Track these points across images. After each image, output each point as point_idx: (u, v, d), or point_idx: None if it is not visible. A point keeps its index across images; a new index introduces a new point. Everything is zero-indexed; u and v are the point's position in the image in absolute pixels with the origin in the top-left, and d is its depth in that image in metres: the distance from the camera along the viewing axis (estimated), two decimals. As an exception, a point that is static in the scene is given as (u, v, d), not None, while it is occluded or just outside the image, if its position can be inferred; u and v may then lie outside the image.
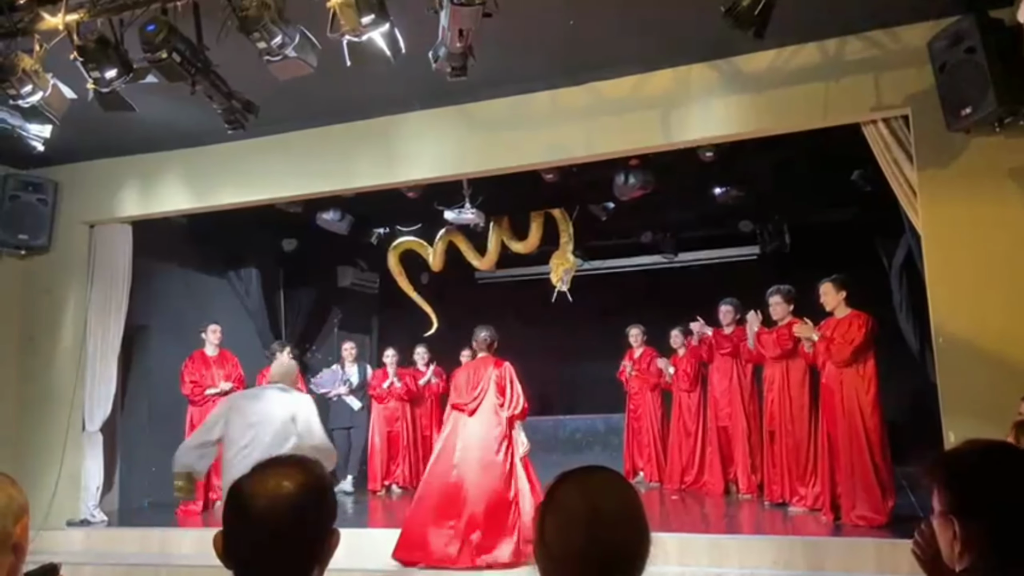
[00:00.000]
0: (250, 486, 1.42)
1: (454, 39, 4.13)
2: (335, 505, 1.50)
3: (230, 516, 1.43)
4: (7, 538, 1.44)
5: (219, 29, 4.26)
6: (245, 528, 1.40)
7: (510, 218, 8.98)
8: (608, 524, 1.31)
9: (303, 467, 1.47)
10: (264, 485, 1.40)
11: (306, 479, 1.43)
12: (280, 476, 1.42)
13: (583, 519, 1.31)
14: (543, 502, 1.38)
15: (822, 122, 5.60)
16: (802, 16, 4.77)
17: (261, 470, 1.45)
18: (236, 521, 1.41)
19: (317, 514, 1.44)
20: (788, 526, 6.08)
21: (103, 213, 7.48)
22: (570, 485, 1.38)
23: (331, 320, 10.76)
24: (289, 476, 1.42)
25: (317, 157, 6.79)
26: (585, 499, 1.34)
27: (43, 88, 4.67)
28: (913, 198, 5.31)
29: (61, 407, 7.25)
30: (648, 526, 1.35)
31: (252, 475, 1.44)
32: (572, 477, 1.40)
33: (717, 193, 7.84)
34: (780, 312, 6.78)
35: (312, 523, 1.43)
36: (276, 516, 1.38)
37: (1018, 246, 4.93)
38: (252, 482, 1.42)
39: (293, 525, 1.39)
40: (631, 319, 8.95)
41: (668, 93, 5.87)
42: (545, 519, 1.35)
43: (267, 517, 1.38)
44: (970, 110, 4.80)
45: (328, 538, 1.46)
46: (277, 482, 1.41)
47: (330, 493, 1.50)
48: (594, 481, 1.39)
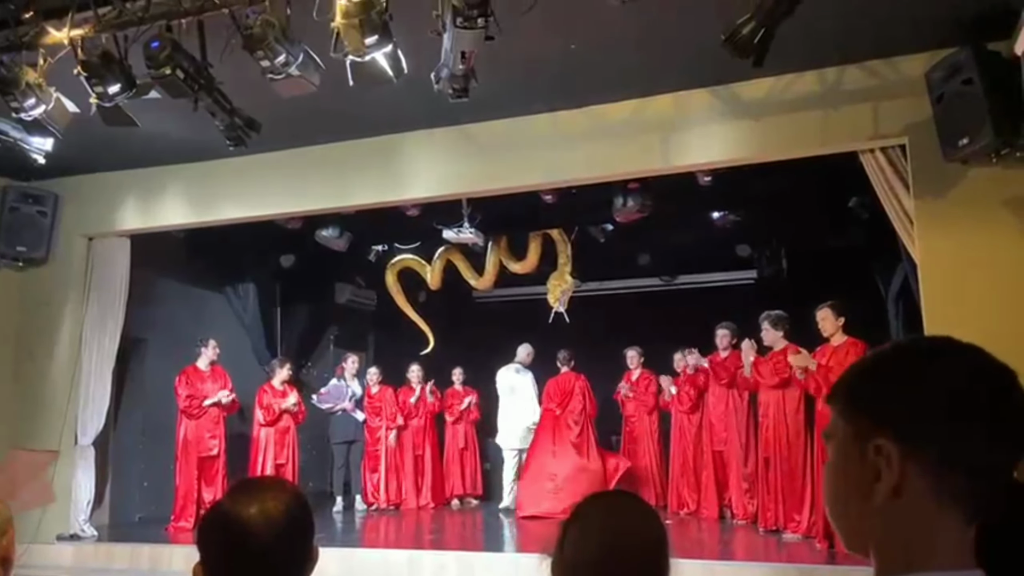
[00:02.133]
0: (234, 508, 1.39)
1: (457, 61, 4.16)
2: (313, 522, 1.49)
3: (215, 539, 1.40)
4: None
5: (223, 47, 4.29)
6: (233, 551, 1.37)
7: (509, 238, 9.01)
8: (626, 543, 1.35)
9: (283, 487, 1.46)
10: (249, 507, 1.38)
11: (289, 499, 1.42)
12: (264, 498, 1.40)
13: (601, 533, 1.36)
14: (567, 519, 1.42)
15: (820, 150, 5.64)
16: (801, 45, 4.81)
17: (242, 492, 1.43)
18: (223, 544, 1.39)
19: (302, 533, 1.43)
20: (782, 553, 6.05)
21: (102, 226, 7.49)
22: (595, 504, 1.45)
23: (327, 336, 10.74)
24: (273, 497, 1.41)
25: (318, 174, 6.82)
26: (606, 516, 1.40)
27: (46, 101, 4.70)
28: (910, 227, 5.33)
29: (54, 420, 7.21)
30: (668, 553, 1.38)
31: (234, 497, 1.42)
32: (598, 498, 1.47)
33: (715, 217, 7.87)
34: (770, 338, 6.78)
35: (298, 542, 1.42)
36: (265, 537, 1.36)
37: (1013, 276, 4.95)
38: (236, 504, 1.40)
39: (282, 546, 1.38)
40: (628, 341, 8.95)
41: (668, 118, 5.91)
42: (566, 532, 1.40)
43: (256, 539, 1.36)
44: (967, 141, 4.83)
45: (310, 555, 1.45)
46: (262, 502, 1.39)
47: (309, 510, 1.49)
48: (618, 503, 1.46)
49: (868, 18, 4.86)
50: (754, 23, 3.96)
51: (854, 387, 0.96)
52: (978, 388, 0.88)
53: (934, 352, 0.93)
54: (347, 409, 9.04)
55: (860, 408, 0.93)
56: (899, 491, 0.87)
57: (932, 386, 0.88)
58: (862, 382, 0.96)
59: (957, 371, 0.89)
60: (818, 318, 6.16)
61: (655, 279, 10.39)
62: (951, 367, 0.90)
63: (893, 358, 0.95)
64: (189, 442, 7.72)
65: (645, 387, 8.61)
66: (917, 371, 0.90)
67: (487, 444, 9.75)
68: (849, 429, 0.93)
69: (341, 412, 9.05)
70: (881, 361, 0.96)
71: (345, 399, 9.03)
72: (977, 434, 0.86)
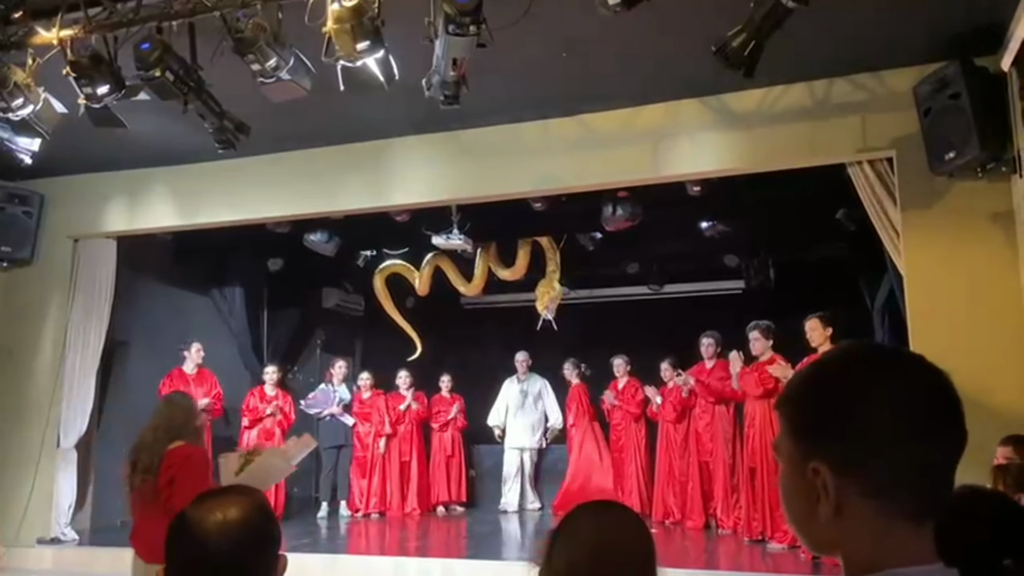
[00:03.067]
0: (196, 517, 1.40)
1: (448, 68, 4.16)
2: (279, 531, 1.49)
3: (177, 548, 1.41)
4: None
5: (214, 50, 4.28)
6: (194, 560, 1.39)
7: (498, 245, 9.00)
8: (614, 554, 1.35)
9: (245, 496, 1.47)
10: (211, 515, 1.39)
11: (251, 508, 1.42)
12: (226, 506, 1.41)
13: (590, 545, 1.36)
14: (555, 528, 1.42)
15: (808, 161, 5.67)
16: (791, 57, 4.85)
17: (205, 501, 1.44)
18: (184, 553, 1.40)
19: (263, 543, 1.43)
20: (767, 563, 6.05)
21: (88, 227, 7.44)
22: (583, 515, 1.44)
23: (314, 341, 10.69)
24: (236, 505, 1.41)
25: (307, 178, 6.80)
26: (595, 528, 1.40)
27: (34, 102, 4.67)
28: (896, 239, 5.37)
29: (36, 422, 7.15)
30: (656, 563, 1.38)
31: (196, 506, 1.43)
32: (587, 508, 1.45)
33: (704, 227, 7.89)
34: (759, 348, 6.81)
35: (260, 551, 1.42)
36: (226, 546, 1.36)
37: (998, 289, 4.99)
38: (198, 513, 1.41)
39: (243, 554, 1.38)
40: (615, 349, 8.94)
41: (658, 127, 5.93)
42: (555, 543, 1.40)
43: (217, 547, 1.36)
44: (953, 155, 4.88)
45: (275, 564, 1.45)
46: (224, 512, 1.39)
47: (274, 519, 1.50)
48: (607, 513, 1.45)
49: (857, 32, 4.90)
50: (744, 35, 3.99)
51: (795, 402, 0.96)
52: (916, 400, 0.89)
53: (873, 366, 0.93)
54: (335, 414, 9.00)
55: (800, 427, 0.94)
56: (840, 511, 0.88)
57: (869, 408, 0.88)
58: (803, 400, 0.96)
59: (896, 385, 0.90)
60: (807, 328, 6.18)
61: (643, 288, 10.39)
62: (890, 382, 0.90)
63: (833, 373, 0.95)
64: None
65: (631, 396, 8.61)
66: (855, 389, 0.90)
67: (473, 451, 9.74)
68: (791, 445, 0.94)
69: (329, 417, 9.01)
70: (822, 377, 0.96)
71: (332, 404, 9.00)
72: (916, 449, 0.88)
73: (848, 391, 0.90)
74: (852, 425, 0.88)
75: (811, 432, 0.92)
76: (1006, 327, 4.92)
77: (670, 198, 6.79)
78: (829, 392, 0.92)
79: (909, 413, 0.88)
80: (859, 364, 0.93)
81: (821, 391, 0.94)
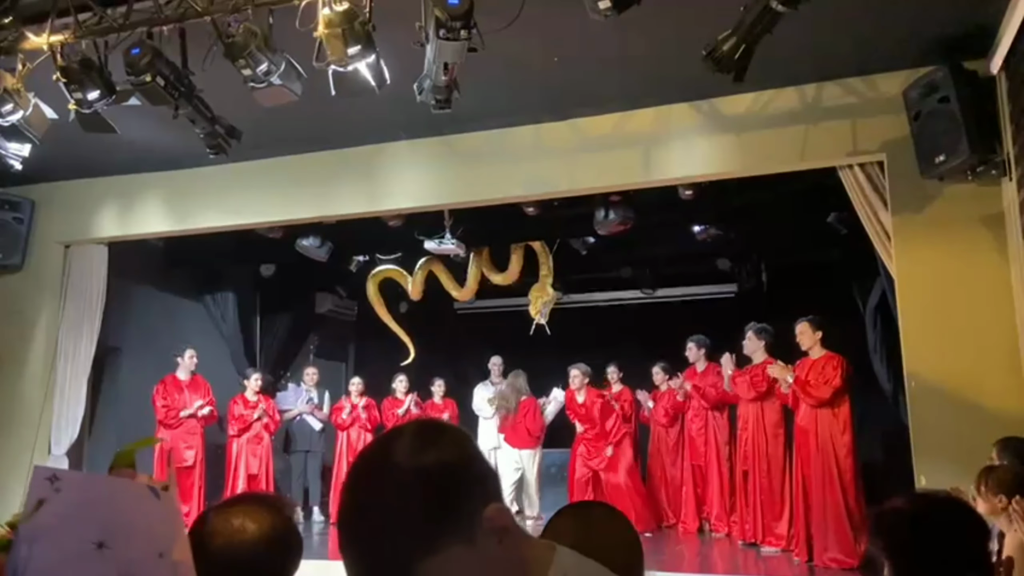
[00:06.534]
0: (212, 523, 1.35)
1: (439, 72, 4.16)
2: (299, 552, 1.41)
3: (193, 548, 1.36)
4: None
5: (204, 55, 4.26)
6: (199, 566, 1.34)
7: (490, 249, 9.00)
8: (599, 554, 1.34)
9: (270, 508, 1.39)
10: (227, 524, 1.33)
11: (272, 522, 1.36)
12: (244, 516, 1.35)
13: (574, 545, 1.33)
14: (543, 532, 1.42)
15: (799, 165, 5.69)
16: (781, 61, 4.86)
17: (226, 507, 1.38)
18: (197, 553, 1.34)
19: (279, 560, 1.37)
20: (760, 566, 6.06)
21: (79, 233, 7.40)
22: (567, 516, 1.45)
23: (307, 346, 10.66)
24: (253, 517, 1.35)
25: (299, 184, 6.78)
26: (577, 528, 1.39)
27: (24, 107, 4.65)
28: (887, 242, 5.39)
29: (27, 429, 7.10)
30: (642, 565, 1.37)
31: (217, 511, 1.38)
32: (571, 509, 1.47)
33: (696, 231, 7.91)
34: (751, 348, 6.82)
35: (273, 569, 1.36)
36: (233, 558, 1.31)
37: (989, 292, 5.01)
38: (215, 519, 1.35)
39: (251, 569, 1.32)
40: (608, 353, 8.95)
41: (649, 131, 5.94)
42: None
43: (224, 558, 1.30)
44: (943, 158, 4.89)
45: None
46: (241, 522, 1.33)
47: (295, 539, 1.41)
48: (590, 514, 1.46)
49: (847, 36, 4.92)
50: (735, 39, 4.00)
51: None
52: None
53: None
54: (303, 413, 9.04)
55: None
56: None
57: None
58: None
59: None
60: (797, 332, 6.22)
61: (636, 291, 10.41)
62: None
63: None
64: (166, 452, 7.62)
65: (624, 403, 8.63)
66: None
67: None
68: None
69: (299, 418, 9.02)
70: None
71: (299, 402, 9.05)
72: None
73: None
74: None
75: None
76: (997, 330, 4.93)
77: (662, 202, 6.81)
78: None
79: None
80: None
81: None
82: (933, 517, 1.69)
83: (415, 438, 0.97)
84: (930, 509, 1.74)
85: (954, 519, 1.70)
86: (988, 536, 2.07)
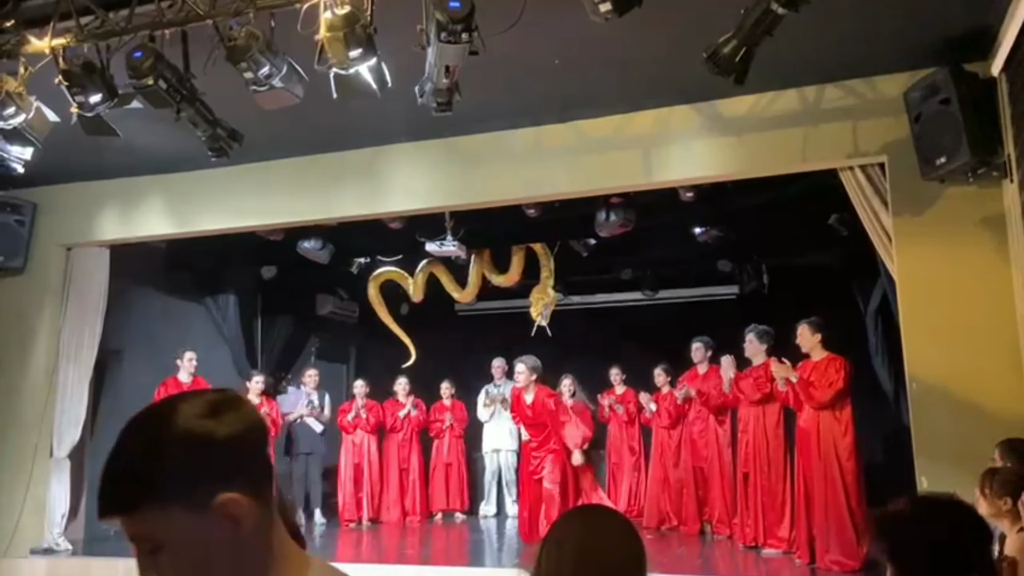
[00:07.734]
0: None
1: (441, 75, 4.17)
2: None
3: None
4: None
5: (206, 58, 4.27)
6: None
7: (491, 251, 9.01)
8: (603, 559, 1.36)
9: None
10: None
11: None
12: None
13: (579, 549, 1.38)
14: (546, 534, 1.45)
15: (800, 167, 5.69)
16: (782, 63, 4.87)
17: None
18: None
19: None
20: (761, 568, 6.05)
21: (81, 236, 7.41)
22: (572, 519, 1.48)
23: (308, 348, 10.67)
24: None
25: (300, 186, 6.79)
26: (582, 531, 1.42)
27: (26, 111, 4.66)
28: (888, 244, 5.39)
29: (29, 431, 7.11)
30: (646, 569, 1.39)
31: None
32: (575, 513, 1.52)
33: (697, 232, 7.91)
34: (752, 350, 6.82)
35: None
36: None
37: (990, 294, 5.01)
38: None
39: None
40: (610, 354, 8.96)
41: (650, 133, 5.94)
42: (544, 547, 1.43)
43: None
44: (944, 160, 4.90)
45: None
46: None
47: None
48: (597, 518, 1.49)
49: (848, 38, 4.93)
50: (735, 42, 4.00)
51: None
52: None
53: None
54: (304, 415, 9.05)
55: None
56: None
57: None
58: None
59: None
60: (797, 334, 6.22)
61: (637, 293, 10.41)
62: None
63: None
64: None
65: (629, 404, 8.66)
66: None
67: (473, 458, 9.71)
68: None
69: (299, 420, 9.04)
70: None
71: (301, 405, 9.06)
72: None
73: None
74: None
75: None
76: (998, 331, 4.93)
77: (663, 204, 6.81)
78: None
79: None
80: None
81: None
82: (935, 519, 1.70)
83: (207, 404, 1.05)
84: (932, 511, 1.75)
85: (956, 521, 1.71)
86: (991, 538, 2.07)
